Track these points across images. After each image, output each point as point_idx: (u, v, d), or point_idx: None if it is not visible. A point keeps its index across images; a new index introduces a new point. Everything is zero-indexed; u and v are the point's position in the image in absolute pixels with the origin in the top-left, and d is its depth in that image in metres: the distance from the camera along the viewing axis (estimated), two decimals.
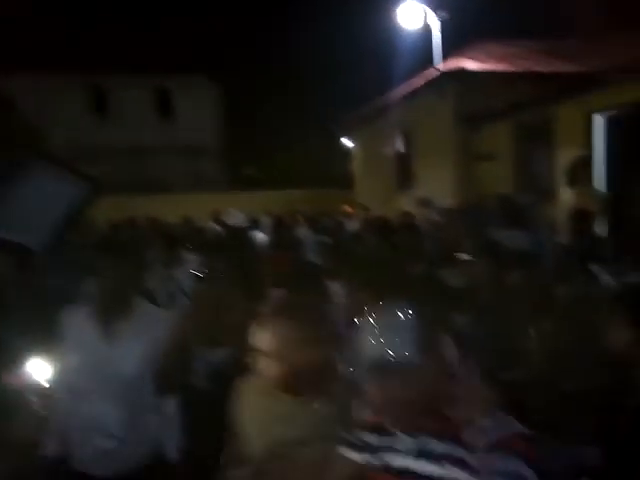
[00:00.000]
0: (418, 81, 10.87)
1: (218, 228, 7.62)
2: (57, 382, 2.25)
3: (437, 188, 9.77)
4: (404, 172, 11.89)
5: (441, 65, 10.58)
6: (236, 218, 6.73)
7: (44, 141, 12.41)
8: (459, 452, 1.20)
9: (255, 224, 7.93)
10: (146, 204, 13.98)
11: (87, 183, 2.59)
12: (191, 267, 4.16)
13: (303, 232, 7.44)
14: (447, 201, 7.81)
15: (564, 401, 2.09)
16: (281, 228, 6.95)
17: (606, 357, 1.70)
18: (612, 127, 7.51)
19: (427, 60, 11.01)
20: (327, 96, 20.56)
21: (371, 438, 1.37)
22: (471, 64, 10.04)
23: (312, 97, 22.23)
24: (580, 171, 6.16)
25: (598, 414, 1.75)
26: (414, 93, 10.94)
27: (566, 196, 6.25)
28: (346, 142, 16.55)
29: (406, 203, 9.03)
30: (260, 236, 7.00)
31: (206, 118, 22.46)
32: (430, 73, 10.54)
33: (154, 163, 20.66)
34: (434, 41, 10.96)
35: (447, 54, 10.98)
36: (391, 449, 1.32)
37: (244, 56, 24.22)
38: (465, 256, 2.72)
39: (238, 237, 4.37)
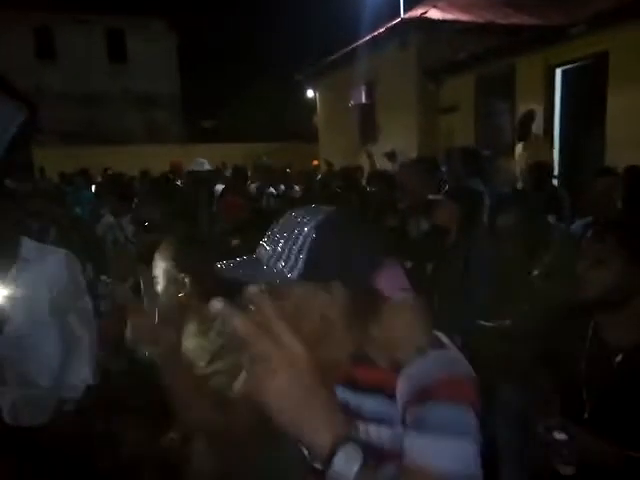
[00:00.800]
0: (383, 30, 10.67)
1: (174, 178, 7.59)
2: None
3: (401, 141, 9.76)
4: (368, 125, 11.80)
5: (405, 14, 10.39)
6: (201, 165, 6.62)
7: None
8: (385, 408, 0.95)
9: (217, 174, 7.83)
10: (100, 155, 13.49)
11: (21, 104, 2.37)
12: (139, 216, 4.28)
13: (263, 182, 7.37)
14: (411, 153, 7.83)
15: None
16: (239, 176, 6.88)
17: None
18: (569, 80, 7.62)
19: (394, 9, 10.79)
20: (292, 46, 19.96)
21: None
22: (433, 13, 9.90)
23: (277, 47, 21.55)
24: (529, 125, 6.30)
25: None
26: (377, 42, 10.75)
27: (520, 149, 6.40)
28: (310, 93, 16.21)
29: (371, 157, 8.95)
30: (221, 187, 6.91)
31: (162, 65, 21.23)
32: (395, 22, 10.35)
33: (106, 112, 19.72)
34: None
35: (411, 3, 10.77)
36: None
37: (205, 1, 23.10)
38: (433, 200, 2.75)
39: (199, 181, 4.36)
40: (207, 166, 6.70)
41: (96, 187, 7.85)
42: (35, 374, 2.13)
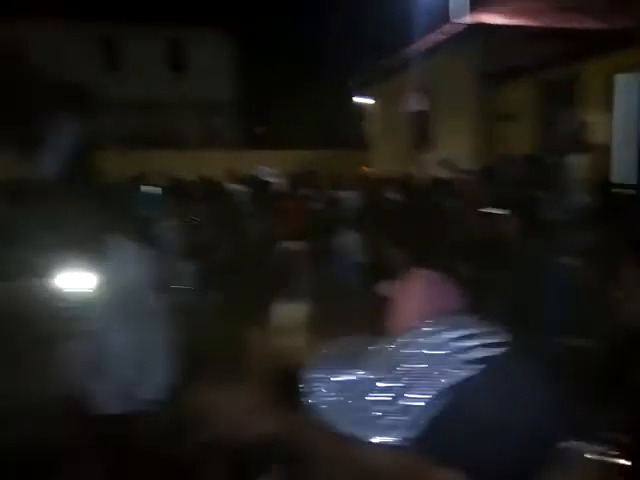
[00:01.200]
0: (439, 36, 10.57)
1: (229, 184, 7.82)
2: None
3: (457, 149, 9.61)
4: (423, 132, 11.68)
5: (463, 19, 10.26)
6: (265, 174, 6.90)
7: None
8: None
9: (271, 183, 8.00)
10: (159, 160, 13.96)
11: (84, 111, 2.47)
12: (191, 217, 4.47)
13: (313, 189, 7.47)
14: (468, 162, 7.72)
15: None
16: (293, 182, 7.04)
17: None
18: (635, 87, 7.30)
19: (449, 14, 10.67)
20: (345, 52, 20.01)
21: None
22: (493, 19, 9.73)
23: (329, 53, 21.69)
24: (582, 137, 6.06)
25: None
26: (435, 48, 10.65)
27: (577, 160, 6.19)
28: (363, 100, 16.20)
29: (425, 165, 8.91)
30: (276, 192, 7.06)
31: (220, 73, 22.09)
32: (452, 27, 10.24)
33: (167, 118, 20.48)
34: None
35: (470, 8, 10.62)
36: None
37: (260, 11, 23.64)
38: (496, 211, 2.70)
39: (258, 187, 4.52)
40: (270, 177, 6.94)
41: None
42: (116, 367, 2.21)
